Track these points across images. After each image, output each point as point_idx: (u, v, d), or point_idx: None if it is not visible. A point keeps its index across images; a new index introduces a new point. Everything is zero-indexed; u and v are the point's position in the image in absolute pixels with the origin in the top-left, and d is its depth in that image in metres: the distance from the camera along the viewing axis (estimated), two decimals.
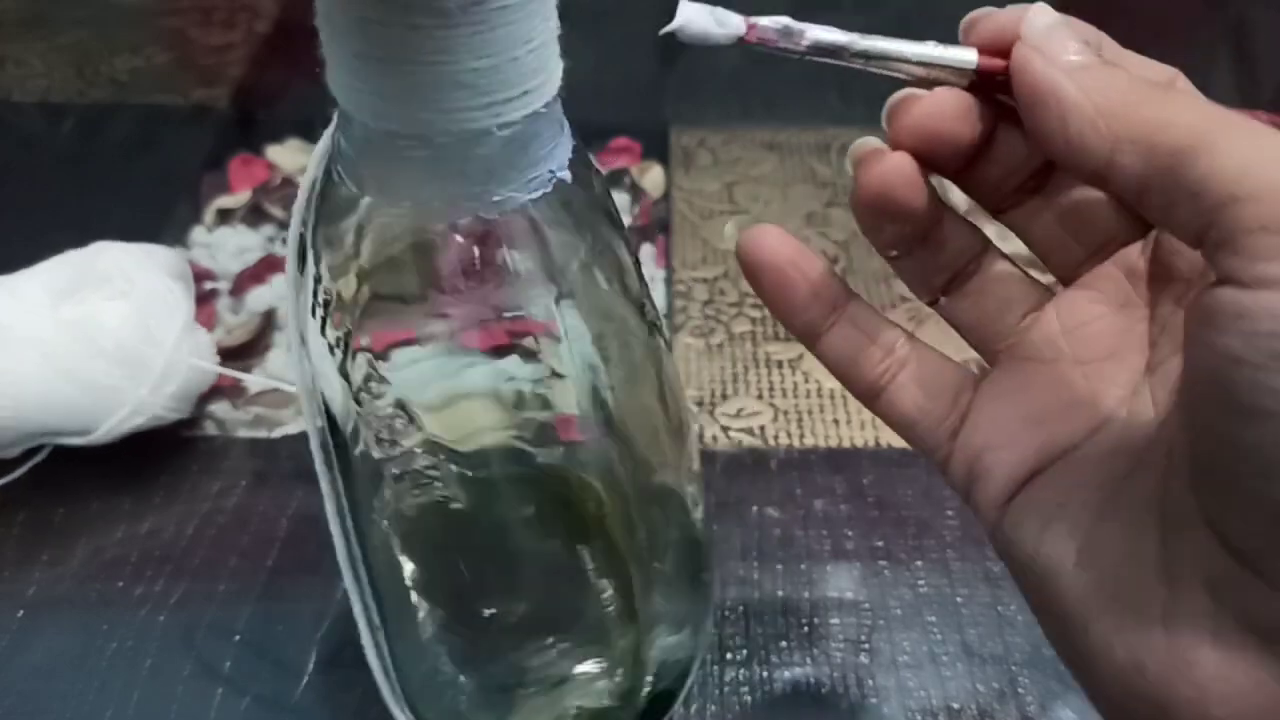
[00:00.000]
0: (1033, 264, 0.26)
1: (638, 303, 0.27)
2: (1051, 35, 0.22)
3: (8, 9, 0.67)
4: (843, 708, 0.34)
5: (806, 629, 0.36)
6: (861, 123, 0.26)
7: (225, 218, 0.53)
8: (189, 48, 0.65)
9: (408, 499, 0.28)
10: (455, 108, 0.21)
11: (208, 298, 0.48)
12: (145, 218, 0.52)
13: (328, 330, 0.26)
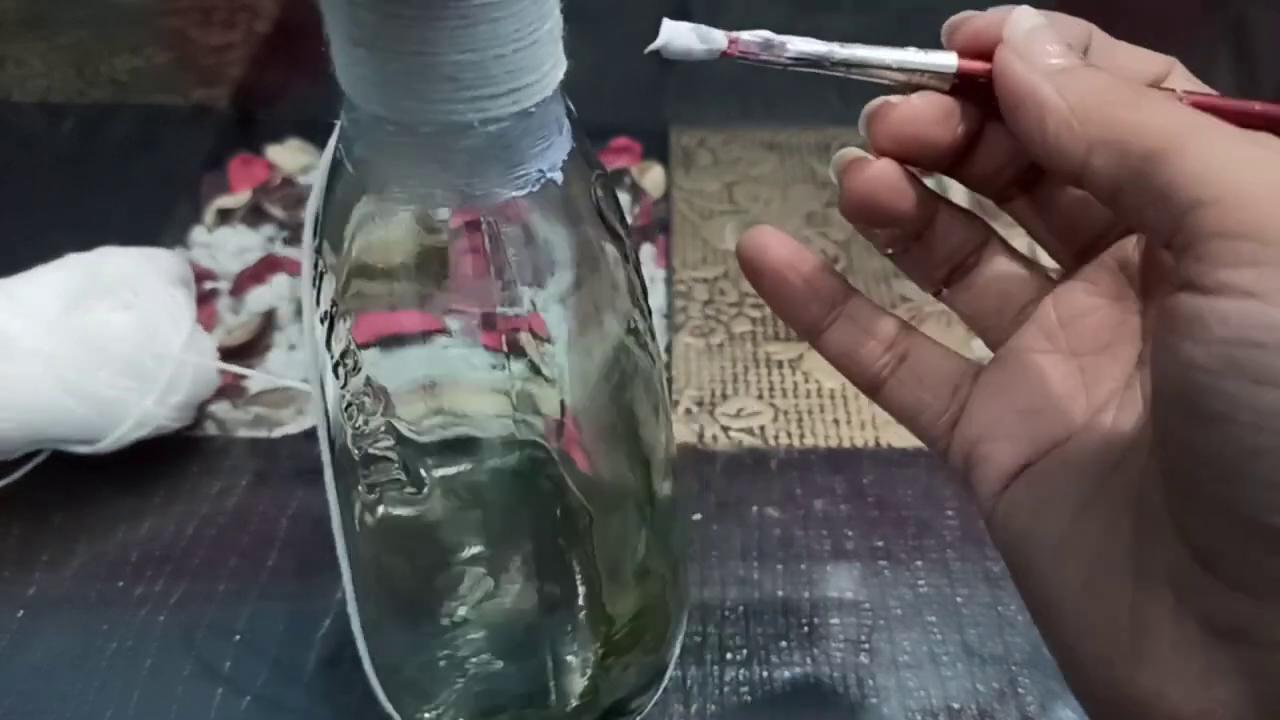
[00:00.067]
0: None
1: (625, 312, 0.27)
2: (1033, 38, 0.22)
3: (8, 9, 0.67)
4: (843, 708, 0.34)
5: (806, 629, 0.36)
6: None
7: (225, 218, 0.53)
8: (189, 48, 0.65)
9: (373, 483, 0.28)
10: (438, 98, 0.21)
11: (208, 298, 0.48)
12: (145, 218, 0.52)
13: (321, 302, 0.26)
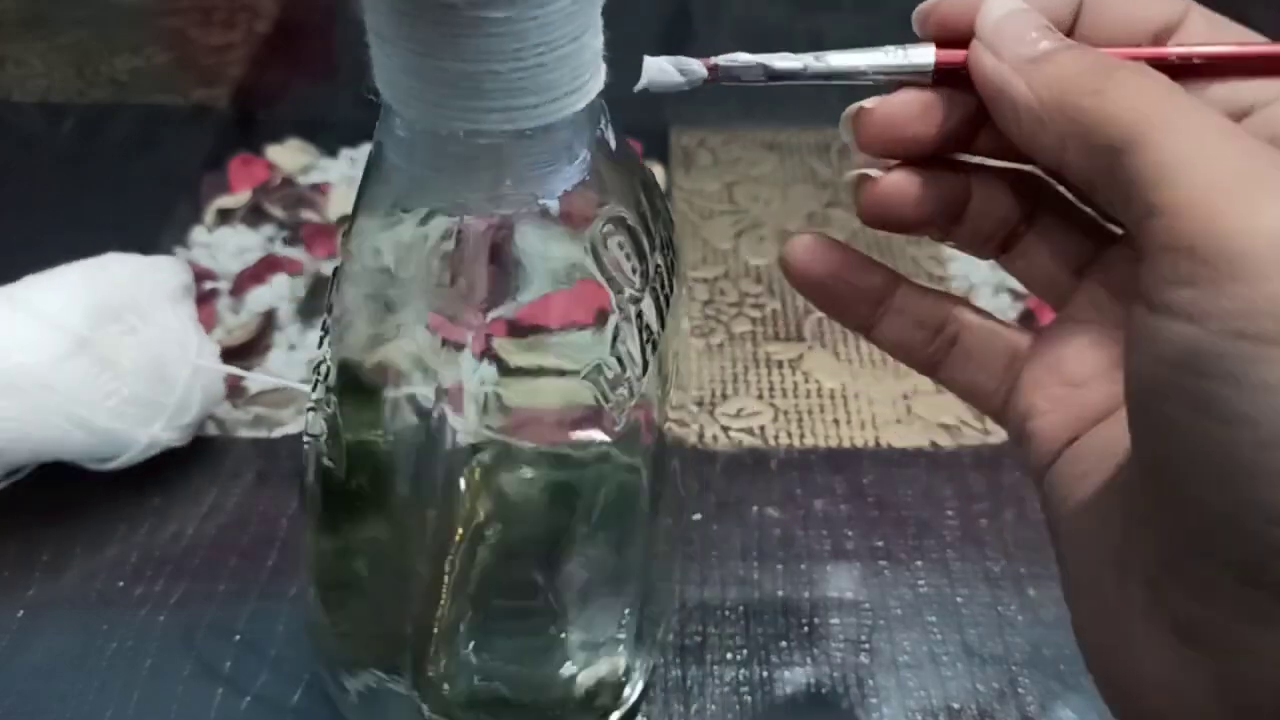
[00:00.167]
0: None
1: (596, 362, 0.25)
2: (1004, 27, 0.21)
3: (8, 9, 0.67)
4: (843, 708, 0.34)
5: (806, 629, 0.36)
6: None
7: (225, 218, 0.53)
8: (189, 48, 0.65)
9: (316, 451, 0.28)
10: (427, 100, 0.21)
11: (208, 298, 0.48)
12: (145, 218, 0.52)
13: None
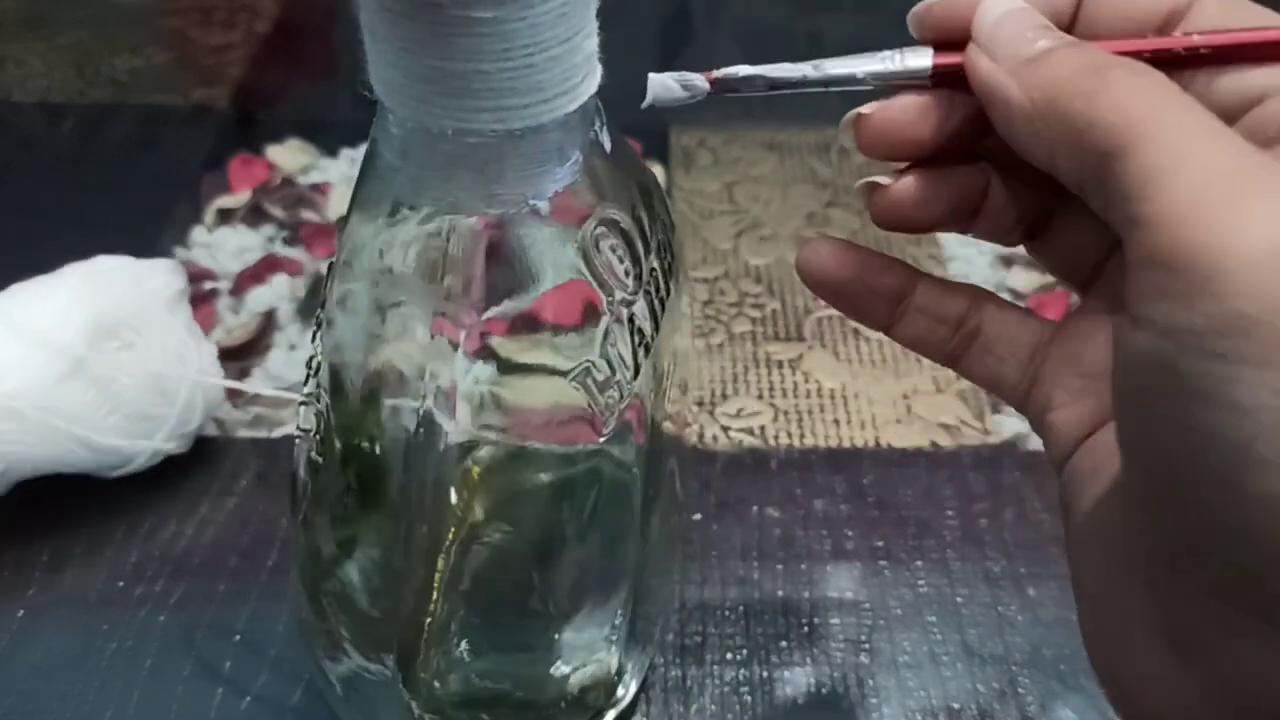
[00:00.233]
0: None
1: (582, 363, 0.25)
2: (1000, 28, 0.21)
3: (8, 9, 0.67)
4: (843, 708, 0.34)
5: (806, 629, 0.36)
6: None
7: (225, 218, 0.53)
8: (189, 48, 0.65)
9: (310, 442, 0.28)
10: (417, 98, 0.21)
11: (208, 298, 0.48)
12: (145, 218, 0.52)
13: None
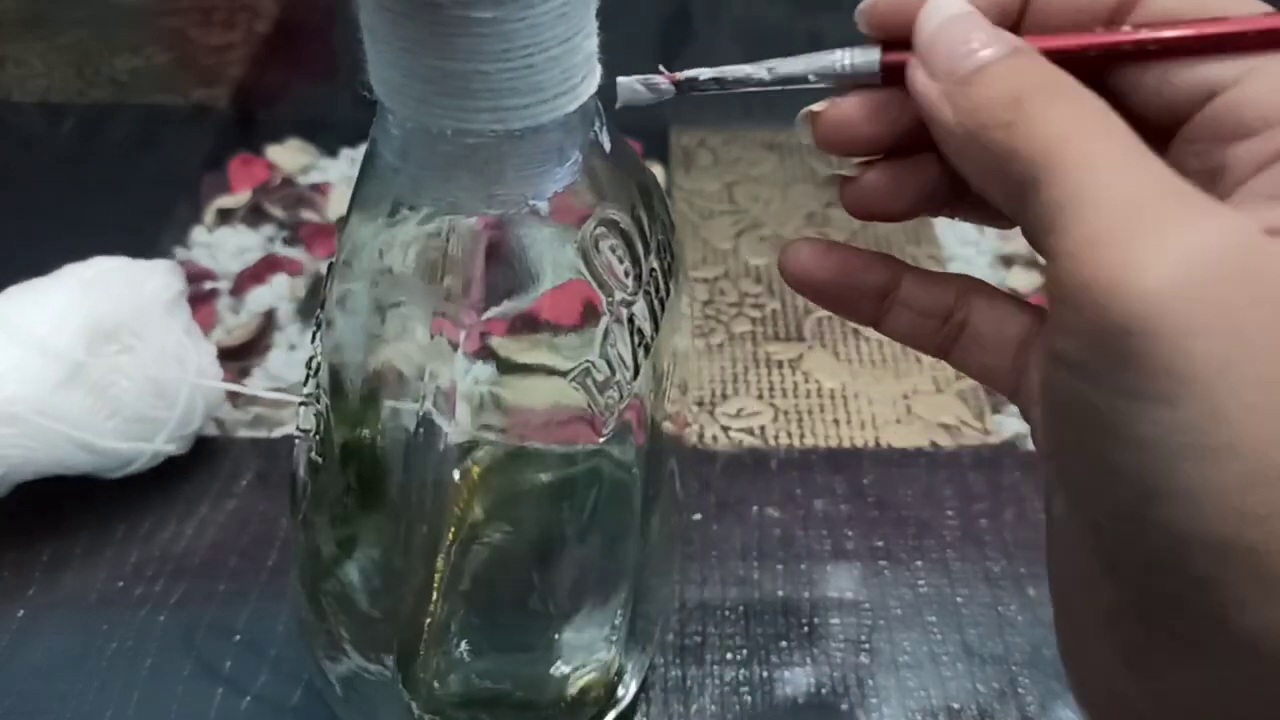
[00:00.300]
0: None
1: (582, 362, 0.25)
2: (937, 40, 0.20)
3: (8, 9, 0.67)
4: (843, 708, 0.34)
5: (806, 629, 0.36)
6: None
7: (225, 218, 0.53)
8: (189, 48, 0.65)
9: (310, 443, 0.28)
10: (417, 98, 0.21)
11: (208, 298, 0.48)
12: (145, 218, 0.52)
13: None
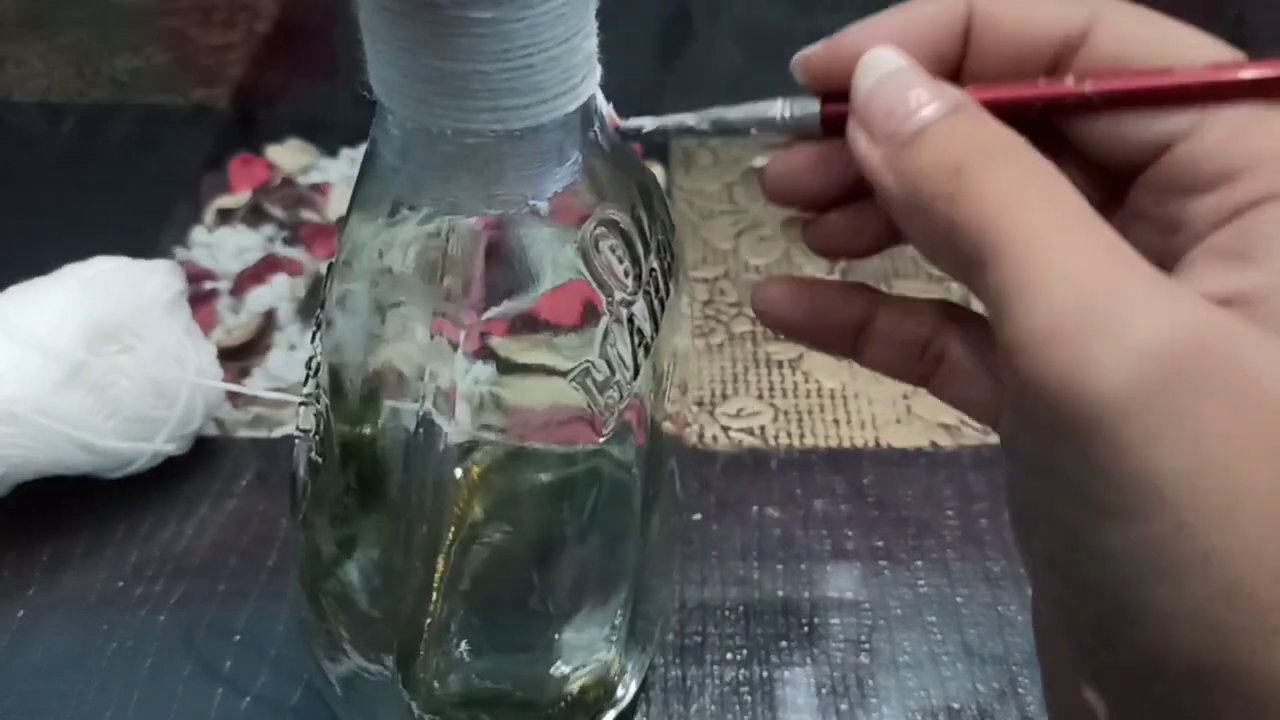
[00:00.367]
0: None
1: (581, 363, 0.25)
2: (874, 100, 0.20)
3: (8, 9, 0.67)
4: (843, 708, 0.34)
5: (806, 629, 0.36)
6: None
7: (225, 218, 0.53)
8: (189, 48, 0.65)
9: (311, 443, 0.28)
10: (416, 98, 0.21)
11: (208, 298, 0.48)
12: (145, 218, 0.52)
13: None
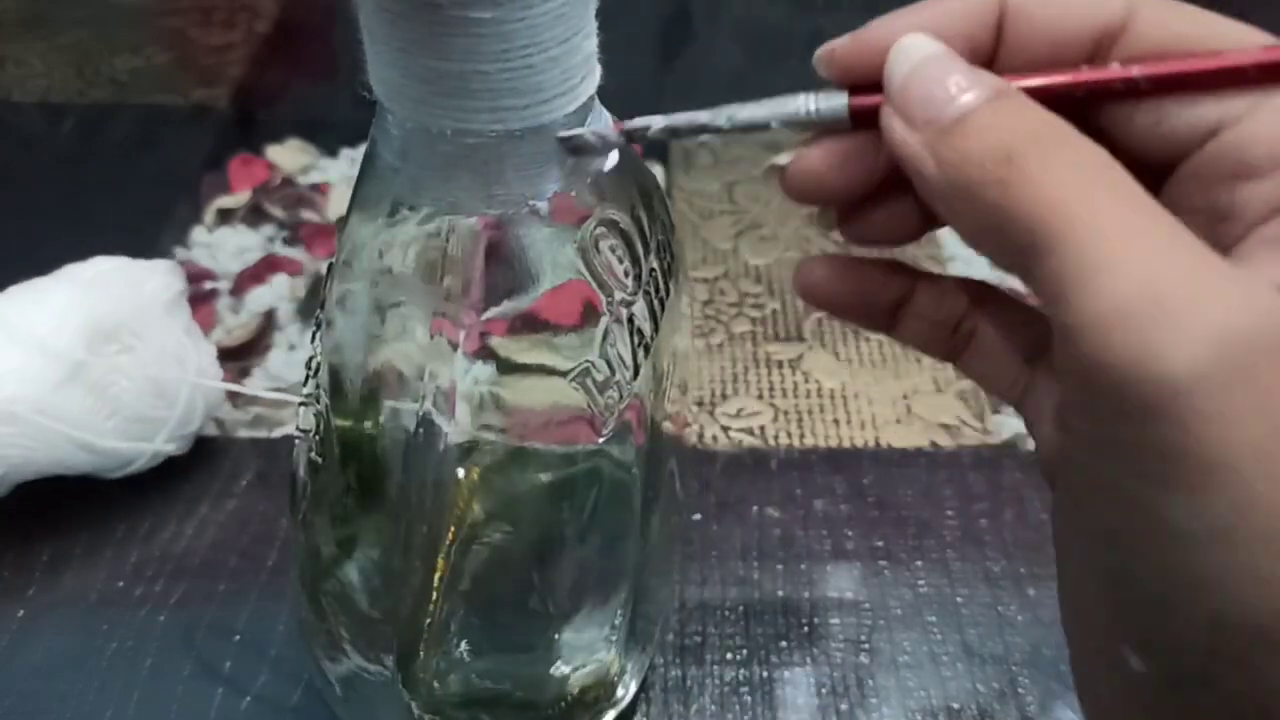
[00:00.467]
0: None
1: (582, 362, 0.25)
2: (912, 86, 0.20)
3: (8, 9, 0.67)
4: (843, 708, 0.34)
5: (806, 629, 0.36)
6: None
7: (225, 218, 0.53)
8: (189, 48, 0.65)
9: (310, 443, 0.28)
10: (416, 98, 0.21)
11: (207, 298, 0.48)
12: (145, 218, 0.52)
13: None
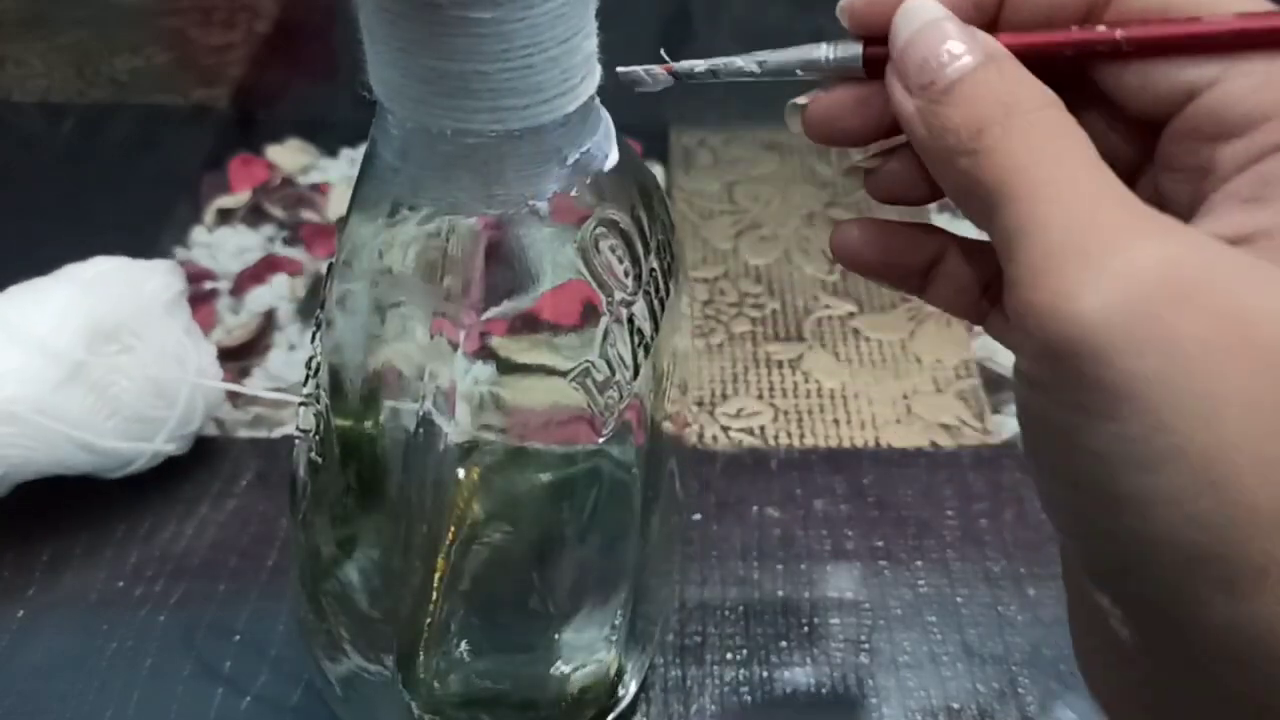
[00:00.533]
0: None
1: (581, 362, 0.25)
2: (911, 51, 0.21)
3: (8, 9, 0.67)
4: (843, 708, 0.34)
5: (806, 629, 0.36)
6: None
7: (225, 218, 0.53)
8: (189, 48, 0.65)
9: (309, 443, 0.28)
10: (416, 98, 0.22)
11: (207, 298, 0.48)
12: (145, 218, 0.52)
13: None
